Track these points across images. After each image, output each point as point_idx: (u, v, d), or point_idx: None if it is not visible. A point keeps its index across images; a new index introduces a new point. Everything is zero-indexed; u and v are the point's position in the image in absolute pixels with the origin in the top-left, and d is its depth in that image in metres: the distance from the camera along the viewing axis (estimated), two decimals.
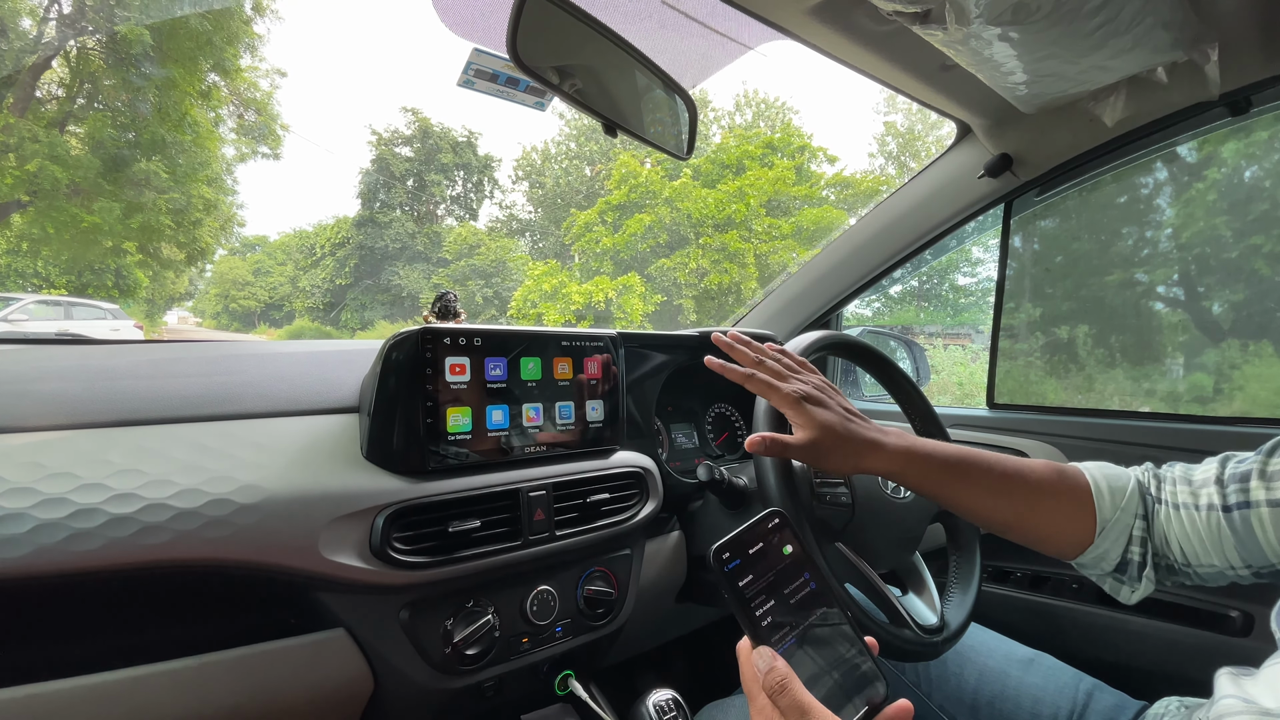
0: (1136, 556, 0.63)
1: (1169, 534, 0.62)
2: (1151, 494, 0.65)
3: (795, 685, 0.42)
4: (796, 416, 0.64)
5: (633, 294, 12.95)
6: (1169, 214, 1.50)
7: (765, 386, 0.66)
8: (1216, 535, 0.58)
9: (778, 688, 0.42)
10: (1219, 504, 0.59)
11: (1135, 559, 0.63)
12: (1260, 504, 0.55)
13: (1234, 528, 0.57)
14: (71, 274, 13.58)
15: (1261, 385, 1.45)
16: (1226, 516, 0.58)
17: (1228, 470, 0.60)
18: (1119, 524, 0.63)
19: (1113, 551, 0.63)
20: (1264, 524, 0.55)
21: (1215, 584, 0.61)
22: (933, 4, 0.72)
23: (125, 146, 11.85)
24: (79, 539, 0.52)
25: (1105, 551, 0.63)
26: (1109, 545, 0.63)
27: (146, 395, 0.66)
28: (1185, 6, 0.77)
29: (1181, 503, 0.62)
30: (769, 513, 0.50)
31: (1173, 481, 0.64)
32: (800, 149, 15.66)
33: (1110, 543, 0.63)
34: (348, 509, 0.64)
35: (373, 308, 24.51)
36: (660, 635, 1.18)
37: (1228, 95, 0.94)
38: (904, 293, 12.20)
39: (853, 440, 0.63)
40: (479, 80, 0.96)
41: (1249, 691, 0.48)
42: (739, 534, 0.47)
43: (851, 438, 0.63)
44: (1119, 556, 0.63)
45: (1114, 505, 0.63)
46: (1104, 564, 0.64)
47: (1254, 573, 0.58)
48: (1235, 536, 0.57)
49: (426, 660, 0.68)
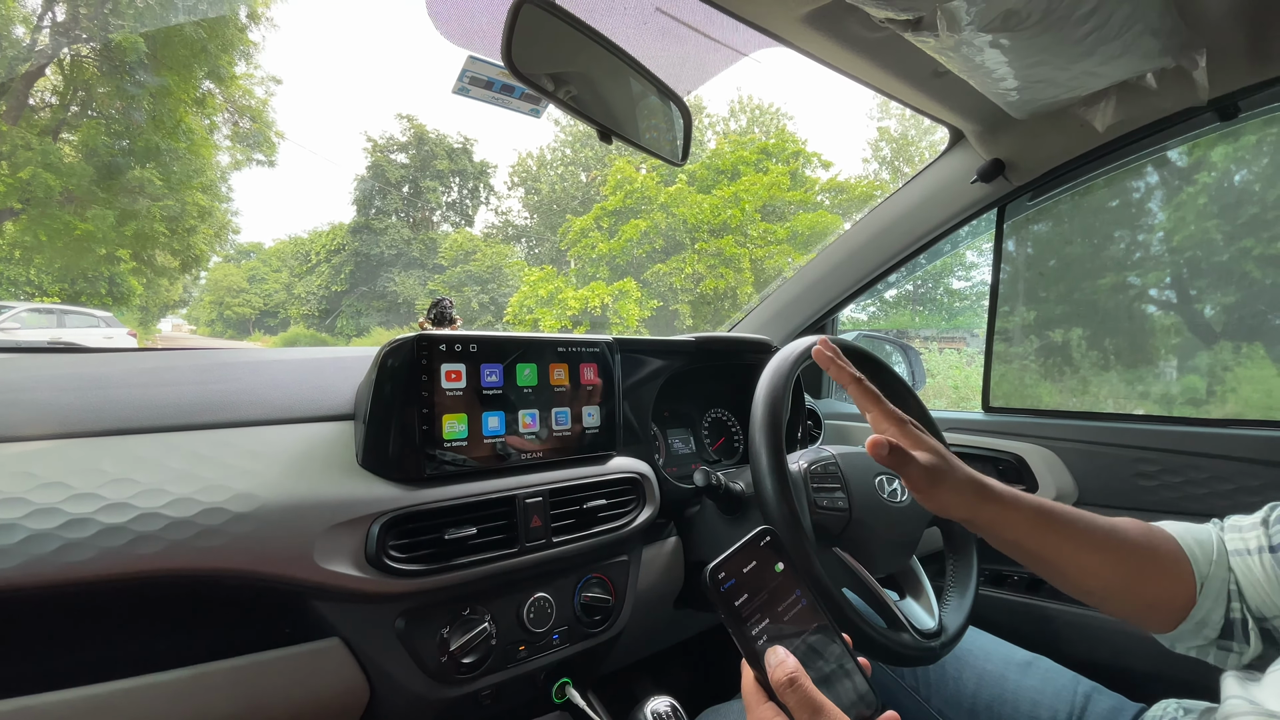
0: (1238, 614, 0.57)
1: (1240, 586, 0.58)
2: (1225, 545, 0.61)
3: (806, 681, 0.42)
4: (904, 437, 0.59)
5: (629, 299, 12.96)
6: (1160, 218, 1.51)
7: (874, 399, 0.62)
8: (1273, 577, 0.56)
9: (787, 682, 0.42)
10: (1265, 544, 0.57)
11: (1238, 617, 0.57)
12: None
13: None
14: (64, 282, 13.52)
15: (1254, 387, 1.46)
16: (1275, 557, 0.56)
17: (1275, 514, 0.59)
18: (1216, 579, 0.58)
19: (1215, 613, 0.57)
20: None
21: None
22: (924, 11, 0.72)
23: (119, 154, 11.83)
24: (71, 549, 0.52)
25: (1207, 614, 0.58)
26: (1210, 605, 0.57)
27: (139, 404, 0.65)
28: (1173, 14, 0.77)
29: (1236, 549, 0.59)
30: (760, 531, 0.50)
31: (1229, 530, 0.61)
32: (795, 154, 15.73)
33: (1211, 601, 0.58)
34: (343, 517, 0.63)
35: (368, 314, 24.47)
36: (658, 642, 1.18)
37: (1216, 100, 0.95)
38: (899, 297, 12.24)
39: (963, 476, 0.59)
40: (474, 87, 0.97)
41: (1256, 695, 0.48)
42: (732, 553, 0.48)
43: (961, 472, 0.59)
44: (1222, 618, 0.57)
45: (1207, 559, 0.59)
46: (1206, 630, 0.58)
47: None
48: None
49: (423, 669, 0.68)
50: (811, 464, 0.87)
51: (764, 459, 0.75)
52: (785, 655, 0.44)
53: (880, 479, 0.88)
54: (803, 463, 0.87)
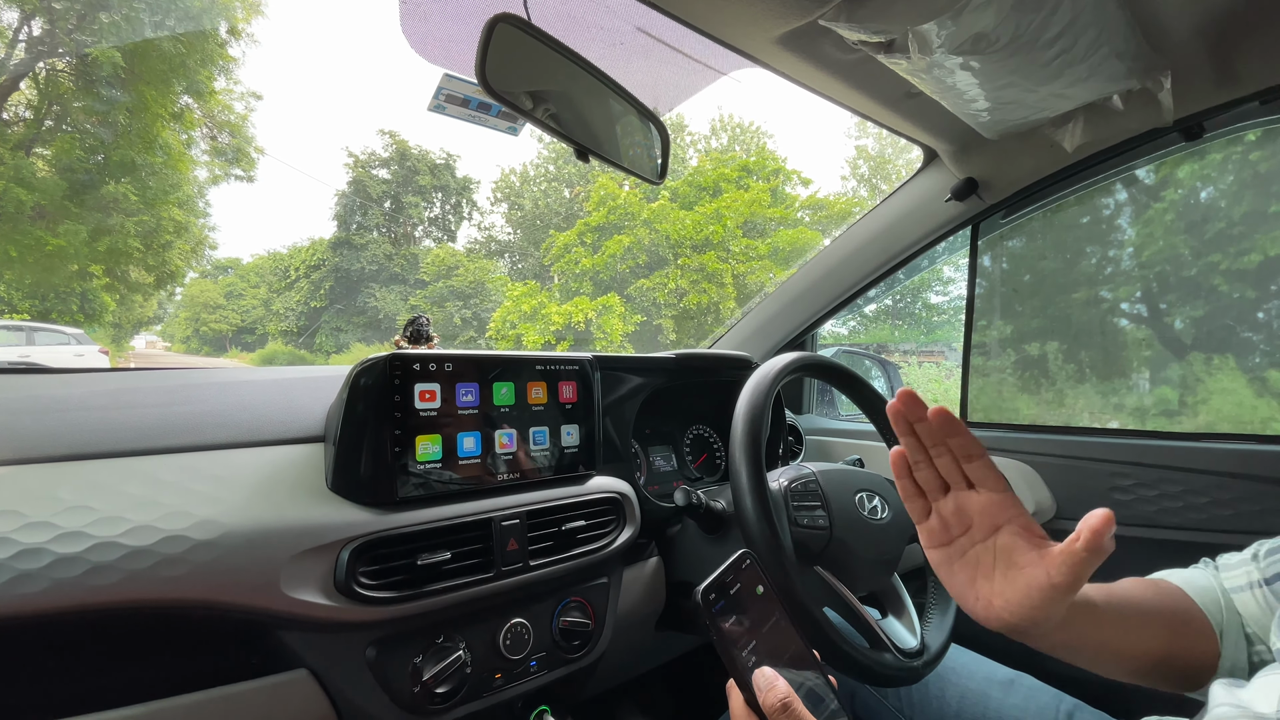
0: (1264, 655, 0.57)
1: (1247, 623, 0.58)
2: (1220, 586, 0.61)
3: (798, 705, 0.42)
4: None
5: (612, 314, 12.96)
6: (1130, 234, 1.55)
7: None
8: (1268, 610, 0.56)
9: (780, 707, 0.42)
10: (1260, 579, 0.57)
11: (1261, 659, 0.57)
12: None
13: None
14: (35, 298, 13.19)
15: (1225, 399, 1.49)
16: (1270, 589, 0.56)
17: (1264, 548, 0.59)
18: (1231, 624, 0.58)
19: (1239, 659, 0.57)
20: None
21: None
22: (896, 34, 0.73)
23: (93, 169, 11.64)
24: (22, 581, 0.49)
25: (1234, 660, 0.57)
26: (1233, 651, 0.57)
27: (100, 427, 0.63)
28: (1138, 37, 0.80)
29: (1236, 585, 0.59)
30: (741, 554, 0.51)
31: (1224, 568, 0.62)
32: (775, 172, 15.93)
33: (1233, 648, 0.57)
34: (311, 543, 0.61)
35: (348, 330, 24.17)
36: (640, 665, 1.16)
37: (1181, 121, 0.97)
38: (879, 311, 12.40)
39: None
40: (450, 105, 0.96)
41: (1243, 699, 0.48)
42: (720, 575, 0.48)
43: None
44: (1246, 662, 0.57)
45: (1216, 605, 0.58)
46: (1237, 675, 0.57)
47: None
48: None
49: (394, 700, 0.66)
50: (792, 482, 0.86)
51: (744, 477, 0.75)
52: (774, 678, 0.44)
53: (860, 496, 0.88)
54: (783, 480, 0.87)
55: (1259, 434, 1.06)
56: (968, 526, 0.53)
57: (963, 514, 0.53)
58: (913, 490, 0.56)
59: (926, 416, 0.52)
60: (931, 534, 0.55)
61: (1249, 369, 1.49)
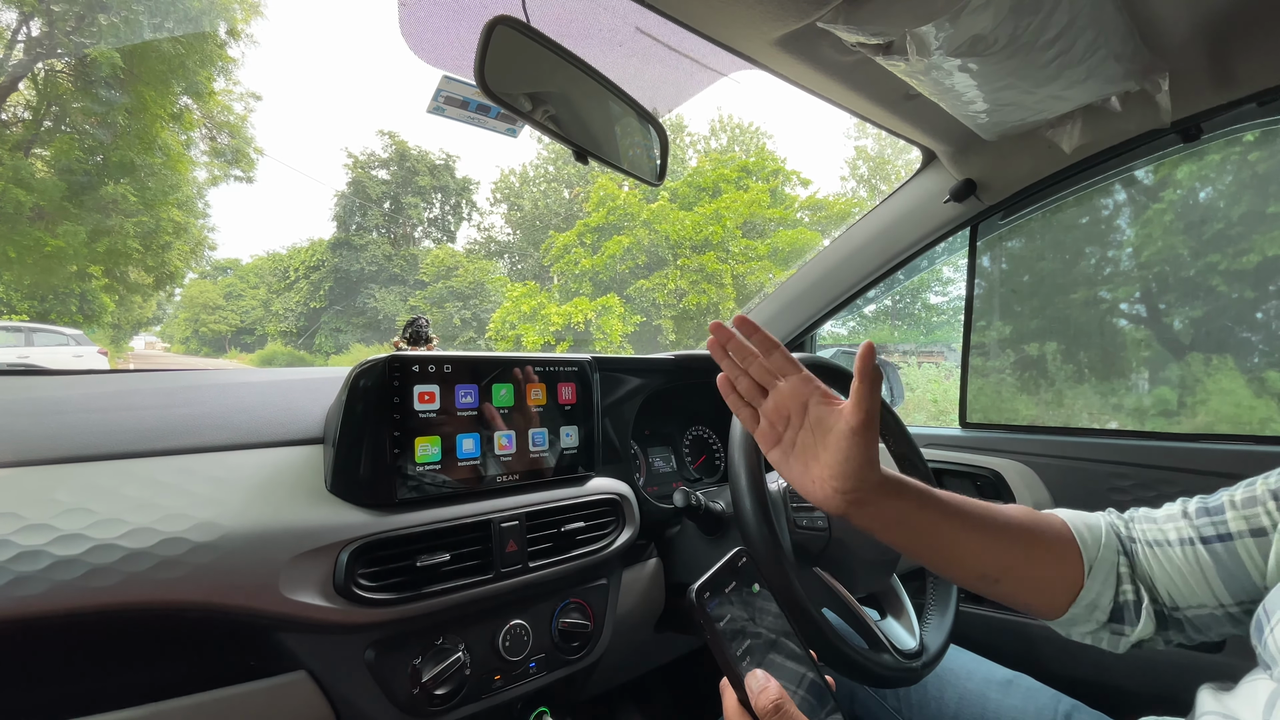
0: (1130, 596, 0.59)
1: (1153, 575, 0.59)
2: (1123, 534, 0.63)
3: (791, 707, 0.43)
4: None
5: (612, 315, 12.97)
6: (1129, 234, 1.55)
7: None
8: (1198, 569, 0.56)
9: (772, 709, 0.42)
10: (1194, 536, 0.57)
11: (1130, 599, 0.59)
12: (1244, 534, 0.54)
13: (1217, 559, 0.55)
14: (34, 299, 13.18)
15: (1223, 399, 1.49)
16: (1208, 548, 0.56)
17: (1192, 506, 0.59)
18: (1105, 562, 0.59)
19: (1104, 595, 0.59)
20: (1252, 553, 0.53)
21: (1208, 635, 0.58)
22: (894, 36, 0.74)
23: (92, 170, 11.63)
24: (21, 583, 0.49)
25: (1097, 596, 0.59)
26: (1099, 588, 0.59)
27: (99, 429, 0.63)
28: (1136, 39, 0.80)
29: (1154, 540, 0.60)
30: (736, 553, 0.51)
31: (1140, 520, 0.63)
32: (774, 172, 15.94)
33: (1100, 584, 0.59)
34: (310, 545, 0.61)
35: (348, 331, 24.16)
36: (639, 666, 1.16)
37: (1179, 123, 0.97)
38: (878, 312, 12.41)
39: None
40: (449, 107, 0.96)
41: (1229, 706, 0.49)
42: (715, 573, 0.48)
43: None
44: (1111, 601, 0.59)
45: (1096, 543, 0.60)
46: (1097, 614, 0.59)
47: (1243, 608, 0.55)
48: (1220, 568, 0.55)
49: (393, 702, 0.66)
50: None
51: (743, 479, 0.75)
52: (766, 680, 0.44)
53: None
54: (782, 481, 0.87)
55: (1257, 434, 1.06)
56: (787, 416, 0.60)
57: (780, 406, 0.61)
58: (739, 403, 0.64)
59: (734, 335, 0.63)
60: (764, 437, 0.62)
61: (1247, 369, 1.49)
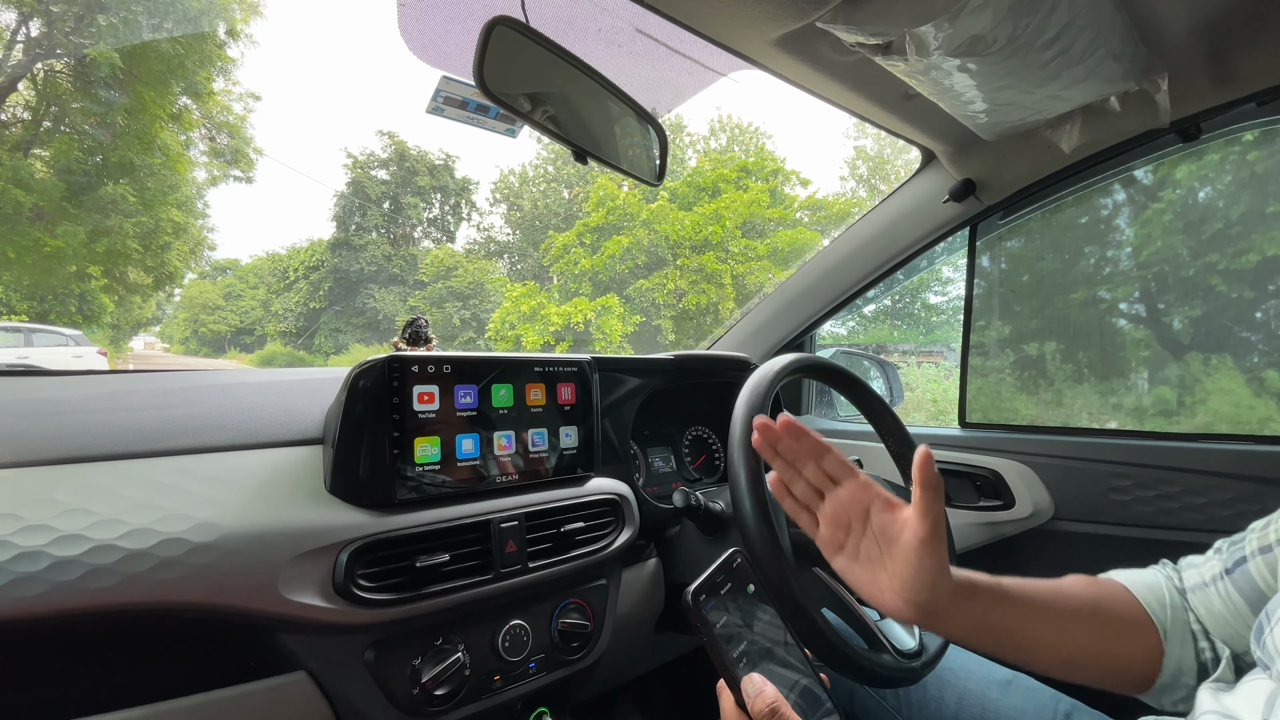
0: (1209, 653, 0.56)
1: (1204, 622, 0.57)
2: (1179, 586, 0.61)
3: (787, 710, 0.43)
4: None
5: (611, 315, 12.96)
6: (1128, 234, 1.55)
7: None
8: (1231, 604, 0.55)
9: (768, 712, 0.42)
10: (1221, 570, 0.57)
11: (1209, 656, 0.56)
12: (1255, 554, 0.54)
13: (1239, 588, 0.55)
14: (33, 299, 13.17)
15: (1223, 399, 1.49)
16: (1231, 579, 0.55)
17: (1226, 543, 0.59)
18: (1176, 623, 0.57)
19: (1185, 658, 0.56)
20: (1261, 570, 0.53)
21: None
22: (893, 36, 0.73)
23: (91, 170, 11.62)
24: (20, 584, 0.49)
25: (1179, 660, 0.56)
26: (1179, 651, 0.56)
27: (98, 430, 0.63)
28: (1135, 39, 0.80)
29: (1194, 585, 0.58)
30: (732, 553, 0.51)
31: (1185, 568, 0.61)
32: (774, 172, 15.93)
33: (1179, 647, 0.56)
34: (309, 545, 0.61)
35: (347, 331, 24.14)
36: (639, 666, 1.16)
37: (1178, 122, 0.97)
38: (878, 312, 12.41)
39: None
40: (448, 107, 0.96)
41: (1228, 705, 0.49)
42: (711, 575, 0.48)
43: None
44: (1193, 662, 0.56)
45: (1161, 605, 0.58)
46: (1184, 678, 0.56)
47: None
48: (1244, 597, 0.54)
49: (393, 702, 0.66)
50: None
51: (742, 479, 0.74)
52: (763, 683, 0.44)
53: None
54: None
55: (1257, 434, 1.06)
56: (847, 523, 0.57)
57: (839, 513, 0.58)
58: (798, 507, 0.61)
59: (782, 436, 0.58)
60: (827, 543, 0.59)
61: (1247, 369, 1.49)
